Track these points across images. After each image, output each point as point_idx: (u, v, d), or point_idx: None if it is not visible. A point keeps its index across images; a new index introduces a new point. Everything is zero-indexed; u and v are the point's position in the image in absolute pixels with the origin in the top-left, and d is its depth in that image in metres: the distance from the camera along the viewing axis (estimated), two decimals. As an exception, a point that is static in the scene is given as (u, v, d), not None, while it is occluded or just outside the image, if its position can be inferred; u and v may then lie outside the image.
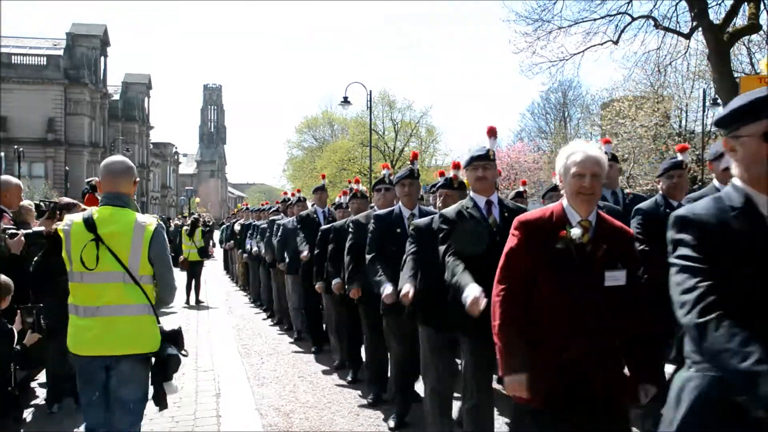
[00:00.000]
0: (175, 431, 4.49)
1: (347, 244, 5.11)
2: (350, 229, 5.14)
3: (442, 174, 4.66)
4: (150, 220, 3.01)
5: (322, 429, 4.59)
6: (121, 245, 2.90)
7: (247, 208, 15.02)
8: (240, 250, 12.71)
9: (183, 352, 3.08)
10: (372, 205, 6.13)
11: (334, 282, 5.67)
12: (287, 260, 7.70)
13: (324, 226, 6.37)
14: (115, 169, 3.06)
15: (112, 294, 2.88)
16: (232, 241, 14.66)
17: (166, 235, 3.07)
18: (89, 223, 2.91)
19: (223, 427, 4.57)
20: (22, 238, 4.28)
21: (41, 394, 5.15)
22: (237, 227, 13.62)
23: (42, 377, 5.28)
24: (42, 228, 4.78)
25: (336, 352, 6.56)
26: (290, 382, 5.90)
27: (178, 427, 4.55)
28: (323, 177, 8.57)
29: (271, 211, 10.38)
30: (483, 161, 3.55)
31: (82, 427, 4.47)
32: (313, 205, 7.62)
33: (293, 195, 8.63)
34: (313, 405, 5.16)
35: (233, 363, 6.66)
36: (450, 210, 3.55)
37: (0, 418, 3.46)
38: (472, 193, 3.57)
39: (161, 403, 3.04)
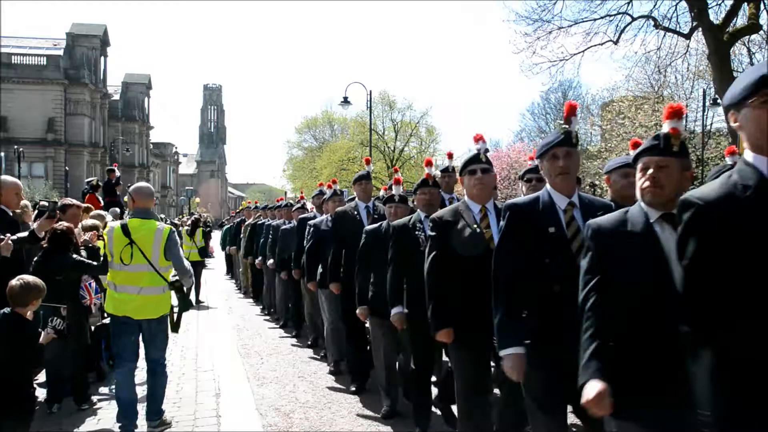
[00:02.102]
0: (175, 431, 4.49)
1: (428, 256, 3.48)
2: (432, 231, 3.49)
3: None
4: (166, 227, 4.38)
5: (322, 429, 4.59)
6: (146, 245, 4.22)
7: (255, 206, 13.27)
8: (247, 254, 11.35)
9: (185, 290, 4.56)
10: (451, 197, 5.31)
11: (394, 312, 4.18)
12: (320, 272, 5.97)
13: (369, 227, 4.93)
14: (145, 192, 4.50)
15: (146, 279, 4.23)
16: (234, 247, 13.36)
17: (177, 237, 4.44)
18: (125, 231, 4.23)
19: (223, 427, 4.56)
20: (10, 241, 4.27)
21: (41, 394, 5.15)
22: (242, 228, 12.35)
23: (42, 377, 5.28)
24: (27, 233, 4.77)
25: (384, 395, 4.85)
26: (290, 382, 5.90)
27: (178, 427, 4.55)
28: (368, 162, 6.33)
29: (295, 209, 8.23)
30: None
31: (83, 427, 4.50)
32: (352, 199, 5.99)
33: (329, 186, 6.55)
34: (313, 405, 5.16)
35: (233, 363, 6.65)
36: (713, 188, 1.72)
37: (18, 418, 3.46)
38: (752, 155, 1.71)
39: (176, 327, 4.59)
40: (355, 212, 5.55)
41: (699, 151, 22.07)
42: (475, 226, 3.31)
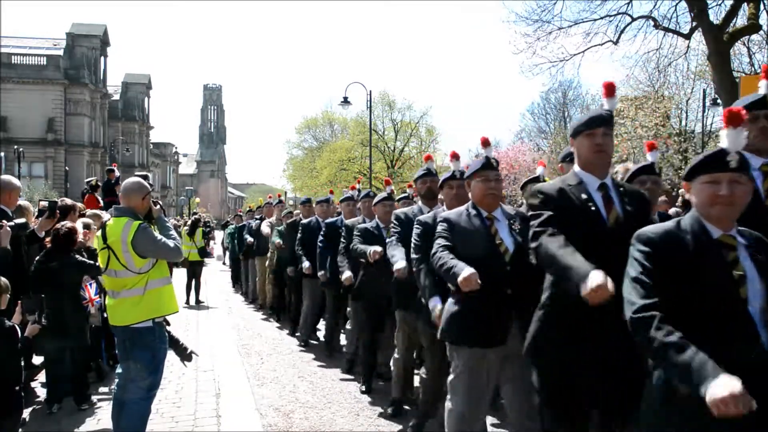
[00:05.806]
0: (175, 431, 4.49)
1: None
2: None
3: None
4: (134, 223, 3.72)
5: (322, 429, 4.59)
6: (117, 249, 3.72)
7: (279, 201, 10.08)
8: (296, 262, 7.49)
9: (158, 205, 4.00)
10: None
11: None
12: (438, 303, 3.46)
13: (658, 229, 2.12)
14: (127, 188, 3.92)
15: (125, 283, 3.76)
16: (279, 240, 8.15)
17: (148, 231, 3.74)
18: (103, 234, 3.81)
19: (223, 427, 4.56)
20: (8, 228, 4.26)
21: (41, 394, 5.15)
22: (265, 227, 9.36)
23: (42, 377, 5.28)
24: (23, 220, 4.78)
25: None
26: (290, 382, 5.90)
27: (178, 427, 4.55)
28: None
29: (378, 202, 5.40)
30: None
31: (83, 427, 4.50)
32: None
33: (454, 156, 4.04)
34: (313, 405, 5.16)
35: (233, 363, 6.65)
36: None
37: (4, 417, 3.47)
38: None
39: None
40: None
41: (699, 151, 22.07)
42: None
